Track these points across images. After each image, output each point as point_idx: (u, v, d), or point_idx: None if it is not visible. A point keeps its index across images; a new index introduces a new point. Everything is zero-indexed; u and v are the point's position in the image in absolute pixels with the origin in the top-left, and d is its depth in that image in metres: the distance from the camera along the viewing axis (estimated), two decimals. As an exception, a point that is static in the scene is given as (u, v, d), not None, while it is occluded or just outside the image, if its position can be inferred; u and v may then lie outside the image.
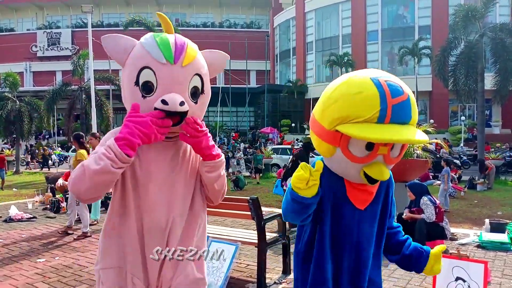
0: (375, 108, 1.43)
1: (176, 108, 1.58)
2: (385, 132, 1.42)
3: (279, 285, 4.16)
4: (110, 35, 1.74)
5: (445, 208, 9.31)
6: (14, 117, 24.26)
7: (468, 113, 33.78)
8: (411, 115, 1.49)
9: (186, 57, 1.65)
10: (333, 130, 1.53)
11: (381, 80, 1.48)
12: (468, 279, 3.34)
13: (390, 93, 1.45)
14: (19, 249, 5.78)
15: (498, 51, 18.74)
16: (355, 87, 1.49)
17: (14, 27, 51.88)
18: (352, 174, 1.63)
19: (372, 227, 1.75)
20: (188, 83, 1.67)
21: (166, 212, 1.71)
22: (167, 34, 1.72)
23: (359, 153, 1.54)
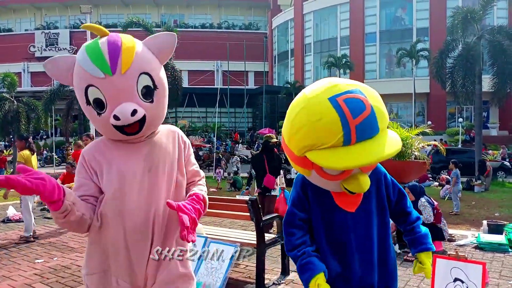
0: (338, 134, 1.39)
1: (128, 120, 1.57)
2: (353, 157, 1.39)
3: (278, 285, 4.16)
4: (49, 59, 1.69)
5: (455, 211, 9.33)
6: (12, 117, 24.18)
7: (465, 115, 33.84)
8: (378, 126, 1.44)
9: (123, 64, 1.57)
10: (303, 156, 1.51)
11: (339, 99, 1.41)
12: (466, 280, 3.34)
13: (350, 114, 1.39)
14: (17, 249, 5.77)
15: (496, 54, 18.81)
16: (314, 113, 1.43)
17: (12, 28, 51.73)
18: (333, 188, 1.65)
19: (370, 227, 1.74)
20: (135, 87, 1.61)
21: (146, 212, 1.70)
22: (100, 40, 1.62)
23: (334, 172, 1.53)
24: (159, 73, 1.70)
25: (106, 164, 1.71)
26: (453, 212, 9.32)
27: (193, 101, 40.88)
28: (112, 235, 1.70)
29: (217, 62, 47.75)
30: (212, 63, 47.43)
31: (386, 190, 1.82)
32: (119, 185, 1.68)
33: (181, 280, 1.79)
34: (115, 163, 1.70)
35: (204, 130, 39.98)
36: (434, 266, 3.47)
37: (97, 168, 1.71)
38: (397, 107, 35.28)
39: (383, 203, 1.80)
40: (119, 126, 1.60)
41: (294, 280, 4.30)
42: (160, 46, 1.73)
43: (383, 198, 1.80)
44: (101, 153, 1.73)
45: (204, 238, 4.11)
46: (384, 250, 1.80)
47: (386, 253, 1.81)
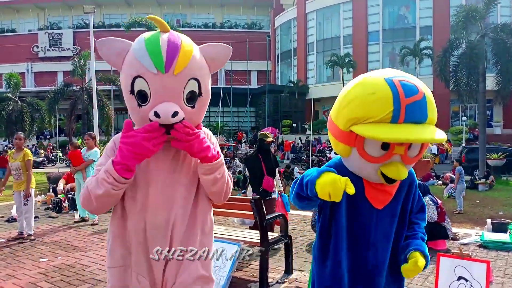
0: (388, 108, 1.43)
1: (168, 120, 1.58)
2: (398, 132, 1.41)
3: (281, 284, 4.17)
4: (104, 39, 1.72)
5: (459, 210, 9.31)
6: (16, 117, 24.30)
7: (469, 113, 33.71)
8: (427, 114, 1.48)
9: (177, 65, 1.58)
10: (348, 131, 1.53)
11: (395, 80, 1.48)
12: (471, 278, 3.34)
13: (403, 93, 1.44)
14: (21, 248, 5.80)
15: (500, 52, 18.72)
16: (369, 87, 1.49)
17: (15, 28, 51.91)
18: (369, 174, 1.63)
19: (391, 227, 1.75)
20: (182, 90, 1.64)
21: (167, 212, 1.71)
22: (161, 35, 1.63)
23: (375, 153, 1.54)
24: (207, 81, 1.73)
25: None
26: (457, 210, 9.29)
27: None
28: (134, 228, 1.73)
29: (220, 61, 47.73)
30: (215, 62, 47.42)
31: (413, 198, 1.82)
32: (145, 179, 1.71)
33: (200, 282, 1.78)
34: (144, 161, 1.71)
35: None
36: (438, 264, 3.47)
37: None
38: (400, 105, 35.18)
39: (407, 208, 1.80)
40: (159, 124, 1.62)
41: (297, 279, 4.30)
42: (215, 56, 1.75)
43: (408, 204, 1.80)
44: None
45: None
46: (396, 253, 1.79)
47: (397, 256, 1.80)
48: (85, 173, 7.51)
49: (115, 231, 1.77)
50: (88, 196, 1.63)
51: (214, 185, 1.74)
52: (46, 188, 11.44)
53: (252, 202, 4.03)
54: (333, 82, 36.64)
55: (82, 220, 7.68)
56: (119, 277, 1.76)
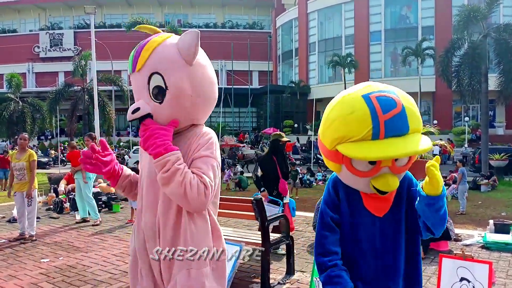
0: (367, 127, 1.46)
1: (129, 117, 1.66)
2: (379, 150, 1.44)
3: (283, 285, 4.15)
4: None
5: (461, 211, 9.28)
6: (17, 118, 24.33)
7: (471, 113, 33.65)
8: (408, 125, 1.49)
9: (138, 62, 1.65)
10: (334, 150, 1.57)
11: (372, 96, 1.50)
12: (473, 279, 3.32)
13: (381, 109, 1.46)
14: (23, 249, 5.79)
15: (502, 52, 18.70)
16: (347, 107, 1.52)
17: (16, 28, 52.01)
18: (362, 187, 1.66)
19: (397, 234, 1.73)
20: (146, 86, 1.66)
21: (153, 214, 1.75)
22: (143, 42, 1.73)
23: (363, 168, 1.57)
24: (176, 74, 1.65)
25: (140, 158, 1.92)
26: (460, 211, 9.27)
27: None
28: (137, 227, 1.84)
29: (221, 61, 47.74)
30: (216, 62, 47.43)
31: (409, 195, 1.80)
32: (141, 181, 1.84)
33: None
34: (142, 159, 1.87)
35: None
36: (440, 265, 3.45)
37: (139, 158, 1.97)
38: (402, 106, 35.12)
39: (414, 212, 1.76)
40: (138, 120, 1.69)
41: (299, 280, 4.29)
42: (182, 45, 1.67)
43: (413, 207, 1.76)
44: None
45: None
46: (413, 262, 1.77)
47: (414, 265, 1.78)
48: (85, 174, 7.49)
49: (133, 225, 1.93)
50: None
51: (164, 185, 1.60)
52: (47, 189, 11.44)
53: (253, 203, 4.01)
54: (335, 82, 36.62)
55: (83, 220, 7.68)
56: (131, 265, 1.89)
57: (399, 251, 1.73)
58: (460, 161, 10.85)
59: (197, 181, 1.59)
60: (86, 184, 7.53)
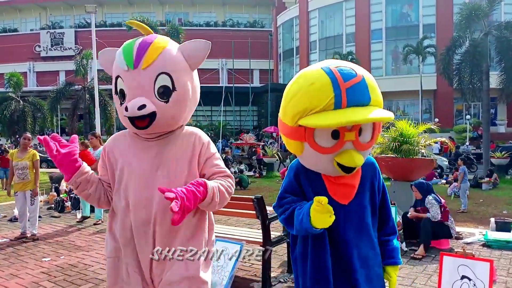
0: (329, 95, 1.46)
1: (134, 113, 1.65)
2: (342, 116, 1.43)
3: (284, 284, 4.15)
4: (103, 50, 1.89)
5: (462, 209, 9.26)
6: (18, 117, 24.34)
7: (473, 111, 33.57)
8: (369, 95, 1.50)
9: (145, 60, 1.68)
10: (296, 126, 1.55)
11: (332, 67, 1.51)
12: (474, 277, 3.32)
13: (341, 78, 1.47)
14: (24, 248, 5.80)
15: (503, 50, 18.65)
16: (308, 79, 1.52)
17: (17, 27, 52.00)
18: (325, 167, 1.62)
19: (363, 220, 1.72)
20: (152, 85, 1.70)
21: (148, 210, 1.75)
22: (140, 38, 1.76)
23: (326, 143, 1.55)
24: (184, 76, 1.76)
25: (120, 157, 1.83)
26: (461, 210, 9.25)
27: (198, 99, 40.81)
28: (121, 226, 1.81)
29: (222, 60, 47.69)
30: (217, 61, 47.38)
31: (378, 185, 1.81)
32: (127, 179, 1.79)
33: (186, 281, 1.77)
34: (127, 157, 1.81)
35: (209, 128, 40.02)
36: (441, 263, 3.45)
37: (112, 160, 1.85)
38: (403, 104, 35.14)
39: (375, 199, 1.79)
40: (130, 118, 1.69)
41: (300, 278, 4.28)
42: (190, 52, 1.79)
43: (376, 193, 1.79)
44: (118, 145, 1.87)
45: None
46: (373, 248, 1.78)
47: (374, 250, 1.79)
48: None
49: (109, 225, 1.89)
50: None
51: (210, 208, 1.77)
52: (49, 188, 11.45)
53: (254, 201, 4.01)
54: (336, 80, 36.52)
55: (83, 218, 7.67)
56: (113, 267, 1.86)
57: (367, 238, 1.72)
58: (461, 159, 10.81)
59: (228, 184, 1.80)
60: None
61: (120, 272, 1.83)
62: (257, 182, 16.27)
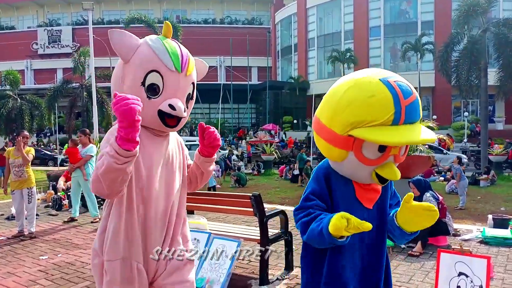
0: (390, 111, 1.44)
1: (182, 114, 1.78)
2: (401, 135, 1.43)
3: (281, 281, 4.15)
4: (118, 31, 1.83)
5: (460, 206, 9.28)
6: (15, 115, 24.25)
7: (471, 108, 33.64)
8: (419, 113, 1.52)
9: (189, 68, 1.83)
10: (346, 135, 1.52)
11: (390, 81, 1.47)
12: (471, 274, 3.32)
13: (402, 95, 1.45)
14: (21, 246, 5.79)
15: (502, 47, 18.63)
16: (367, 90, 1.47)
17: (14, 25, 51.83)
18: (363, 176, 1.63)
19: (383, 224, 1.75)
20: (187, 91, 1.88)
21: (166, 201, 1.88)
22: (170, 41, 1.84)
23: (372, 155, 1.55)
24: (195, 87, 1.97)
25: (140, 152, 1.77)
26: (458, 206, 9.27)
27: (196, 97, 39.88)
28: (134, 220, 1.80)
29: (220, 57, 47.65)
30: (215, 58, 47.33)
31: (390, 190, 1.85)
32: (147, 172, 1.81)
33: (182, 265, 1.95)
34: (145, 151, 1.80)
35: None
36: (439, 260, 3.45)
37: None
38: (401, 101, 35.09)
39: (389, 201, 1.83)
40: (164, 115, 1.76)
41: (297, 276, 4.28)
42: (199, 69, 2.02)
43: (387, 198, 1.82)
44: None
45: (207, 234, 4.10)
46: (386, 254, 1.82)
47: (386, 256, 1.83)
48: (85, 171, 7.43)
49: (118, 223, 1.79)
50: (95, 175, 1.61)
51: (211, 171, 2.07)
52: (46, 186, 11.43)
53: (252, 198, 4.00)
54: (334, 78, 36.41)
55: (71, 219, 7.45)
56: (120, 270, 1.79)
57: (384, 243, 1.75)
58: (458, 157, 10.84)
59: None
60: (86, 181, 7.48)
61: (128, 273, 1.80)
62: (255, 180, 16.27)
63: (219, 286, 3.75)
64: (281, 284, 4.07)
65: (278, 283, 4.09)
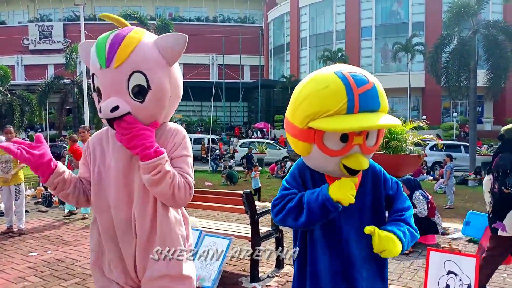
0: (342, 100, 1.48)
1: (107, 115, 1.57)
2: (355, 121, 1.46)
3: (272, 278, 4.17)
4: (81, 43, 1.78)
5: (449, 205, 9.38)
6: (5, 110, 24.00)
7: (460, 109, 33.97)
8: (379, 101, 1.53)
9: (116, 59, 1.57)
10: (306, 128, 1.56)
11: (344, 72, 1.53)
12: (460, 273, 3.36)
13: (355, 83, 1.49)
14: (11, 242, 5.74)
15: (491, 48, 18.86)
16: (321, 82, 1.54)
17: (5, 20, 51.17)
18: (331, 168, 1.64)
19: (363, 222, 1.70)
20: (125, 84, 1.60)
21: (127, 210, 1.73)
22: (115, 31, 1.64)
23: (335, 146, 1.57)
24: (159, 74, 1.64)
25: (100, 155, 1.79)
26: (447, 206, 9.37)
27: (188, 95, 40.68)
28: (103, 224, 1.78)
29: (212, 55, 47.51)
30: (207, 56, 47.21)
31: (385, 186, 1.79)
32: (107, 178, 1.74)
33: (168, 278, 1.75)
34: (108, 155, 1.75)
35: (199, 124, 39.89)
36: (428, 259, 3.49)
37: (93, 158, 1.80)
38: (392, 101, 35.35)
39: (380, 201, 1.78)
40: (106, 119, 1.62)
41: (288, 273, 4.31)
42: (166, 46, 1.65)
43: (381, 196, 1.78)
44: (100, 142, 1.81)
45: (198, 231, 4.11)
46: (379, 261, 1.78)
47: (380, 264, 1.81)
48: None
49: (93, 219, 1.85)
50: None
51: (152, 186, 1.61)
52: (36, 182, 11.33)
53: (243, 196, 4.02)
54: (326, 77, 36.59)
55: (70, 213, 7.61)
56: (96, 261, 1.84)
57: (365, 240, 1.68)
58: (448, 156, 10.96)
59: (184, 183, 1.66)
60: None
61: (103, 266, 1.83)
62: (246, 178, 16.28)
63: (210, 283, 3.77)
64: (272, 282, 4.09)
65: (269, 281, 4.11)
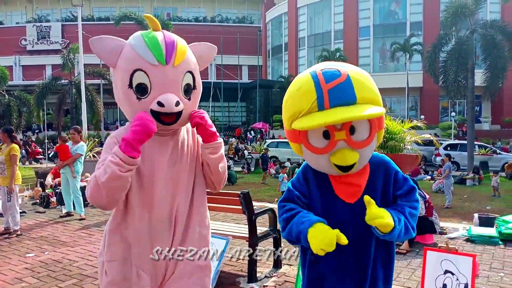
0: (312, 98, 1.51)
1: (172, 109, 1.64)
2: (322, 117, 1.46)
3: (269, 278, 4.17)
4: (97, 37, 1.76)
5: (447, 204, 9.39)
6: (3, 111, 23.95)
7: (458, 109, 34.03)
8: (354, 94, 1.50)
9: (177, 57, 1.68)
10: (291, 129, 1.61)
11: (317, 71, 1.56)
12: (457, 272, 3.36)
13: (324, 79, 1.51)
14: (8, 243, 5.72)
15: (489, 48, 18.87)
16: (296, 84, 1.61)
17: (2, 20, 51.09)
18: (324, 166, 1.64)
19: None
20: (181, 82, 1.71)
21: (170, 204, 1.78)
22: (155, 32, 1.72)
23: (319, 144, 1.59)
24: (199, 75, 1.83)
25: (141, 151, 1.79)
26: (445, 205, 9.39)
27: (187, 95, 40.54)
28: (136, 224, 1.76)
29: (210, 56, 47.46)
30: (206, 56, 47.12)
31: (394, 186, 1.74)
32: (148, 175, 1.75)
33: (198, 270, 1.85)
34: (145, 153, 1.73)
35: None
36: (425, 258, 3.49)
37: None
38: (390, 101, 35.39)
39: (388, 199, 1.74)
40: (158, 114, 1.65)
41: (286, 273, 4.31)
42: (201, 54, 1.85)
43: (389, 194, 1.74)
44: None
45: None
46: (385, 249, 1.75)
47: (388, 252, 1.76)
48: (73, 168, 7.41)
49: (116, 226, 1.80)
50: (95, 184, 1.60)
51: (220, 164, 1.83)
52: (34, 183, 11.31)
53: (241, 196, 4.01)
54: (324, 77, 36.60)
55: (67, 214, 7.59)
56: (119, 270, 1.78)
57: (371, 239, 1.68)
58: (447, 155, 10.97)
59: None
60: (74, 179, 7.46)
61: (128, 275, 1.78)
62: (245, 178, 16.28)
63: (208, 284, 3.76)
64: (270, 282, 4.09)
65: (267, 281, 4.11)
